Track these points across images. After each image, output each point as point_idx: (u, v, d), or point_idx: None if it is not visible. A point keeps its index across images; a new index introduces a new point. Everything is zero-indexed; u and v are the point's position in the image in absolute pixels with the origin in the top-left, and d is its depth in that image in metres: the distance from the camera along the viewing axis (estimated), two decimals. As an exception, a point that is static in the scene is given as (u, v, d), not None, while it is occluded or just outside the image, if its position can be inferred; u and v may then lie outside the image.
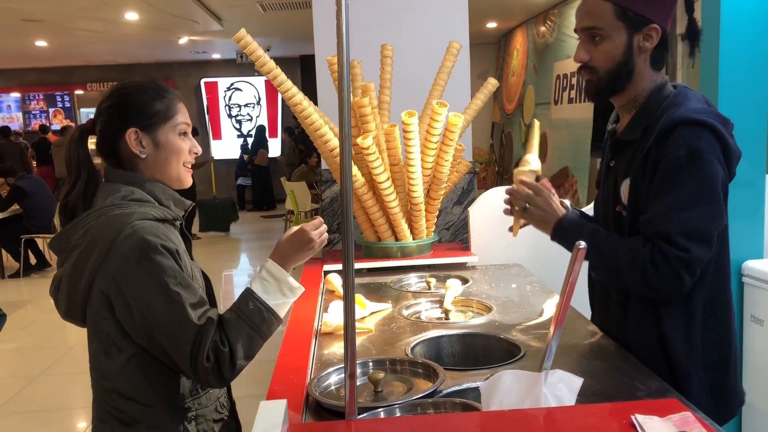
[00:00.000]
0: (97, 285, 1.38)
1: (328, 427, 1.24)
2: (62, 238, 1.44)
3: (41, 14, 8.11)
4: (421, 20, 3.37)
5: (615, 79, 1.56)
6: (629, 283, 1.52)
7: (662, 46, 1.56)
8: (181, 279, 1.36)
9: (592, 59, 1.57)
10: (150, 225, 1.38)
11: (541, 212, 1.64)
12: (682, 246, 1.42)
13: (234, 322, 1.38)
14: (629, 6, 1.51)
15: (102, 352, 1.42)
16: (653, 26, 1.52)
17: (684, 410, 1.11)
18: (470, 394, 1.41)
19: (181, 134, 1.52)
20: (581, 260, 1.11)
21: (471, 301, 2.12)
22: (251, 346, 1.39)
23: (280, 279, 1.44)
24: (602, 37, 1.54)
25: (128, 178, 1.48)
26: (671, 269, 1.43)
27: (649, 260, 1.45)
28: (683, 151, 1.42)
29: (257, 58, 2.44)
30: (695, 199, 1.43)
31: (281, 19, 8.74)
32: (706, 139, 1.43)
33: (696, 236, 1.42)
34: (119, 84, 1.53)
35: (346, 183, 1.18)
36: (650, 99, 1.57)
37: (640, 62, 1.55)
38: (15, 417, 4.07)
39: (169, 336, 1.34)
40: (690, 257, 1.42)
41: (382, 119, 2.81)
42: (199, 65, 13.90)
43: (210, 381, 1.36)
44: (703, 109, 1.48)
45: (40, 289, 7.40)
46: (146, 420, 1.43)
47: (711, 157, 1.42)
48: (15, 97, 14.28)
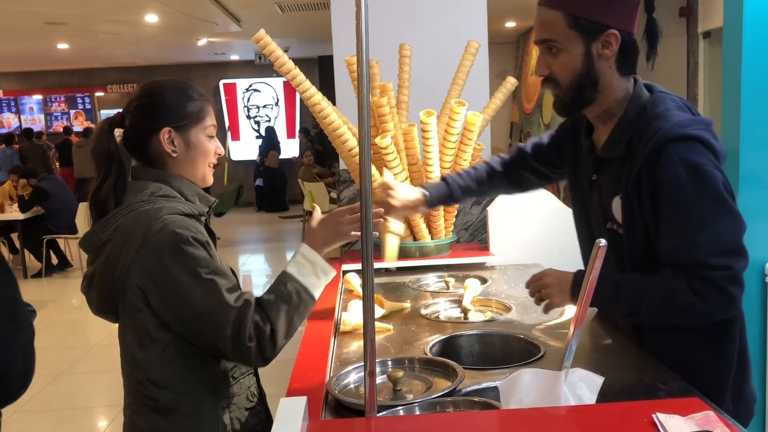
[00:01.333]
0: (130, 279, 1.42)
1: (349, 424, 1.24)
2: (93, 236, 1.48)
3: (64, 17, 8.21)
4: (440, 20, 3.36)
5: (580, 92, 1.49)
6: (675, 320, 1.45)
7: (627, 50, 1.47)
8: (215, 267, 1.41)
9: (552, 72, 1.50)
10: (179, 219, 1.42)
11: (554, 289, 1.57)
12: (721, 265, 1.35)
13: (273, 302, 1.44)
14: (581, 14, 1.43)
15: (137, 344, 1.46)
16: (611, 32, 1.44)
17: (706, 409, 1.10)
18: (489, 393, 1.41)
19: (209, 136, 1.57)
20: (601, 259, 1.10)
21: (490, 301, 2.11)
22: (290, 325, 1.44)
23: (314, 262, 1.52)
24: (558, 48, 1.47)
25: (155, 176, 1.52)
26: (719, 291, 1.36)
27: (691, 291, 1.37)
28: (682, 169, 1.36)
29: (276, 59, 2.45)
30: (713, 216, 1.36)
31: (299, 19, 8.78)
32: (699, 151, 1.37)
33: (729, 251, 1.36)
34: (151, 83, 1.57)
35: (366, 182, 1.18)
36: (628, 111, 1.50)
37: (605, 70, 1.48)
38: (37, 415, 4.13)
39: (209, 322, 1.38)
40: (732, 273, 1.36)
41: (401, 119, 2.81)
42: (217, 66, 14.00)
43: (252, 360, 1.41)
44: (687, 120, 1.41)
45: (62, 288, 7.50)
46: (181, 408, 1.46)
47: (710, 168, 1.36)
48: (37, 99, 14.48)
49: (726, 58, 2.73)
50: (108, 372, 4.63)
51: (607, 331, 1.74)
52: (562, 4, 1.45)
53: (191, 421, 1.47)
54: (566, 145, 1.75)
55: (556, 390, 1.15)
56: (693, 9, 6.36)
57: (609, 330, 1.75)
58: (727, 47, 2.73)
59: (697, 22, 6.34)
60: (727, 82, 2.73)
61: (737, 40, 2.62)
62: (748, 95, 2.62)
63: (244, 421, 1.54)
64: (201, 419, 1.48)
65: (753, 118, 2.64)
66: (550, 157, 1.85)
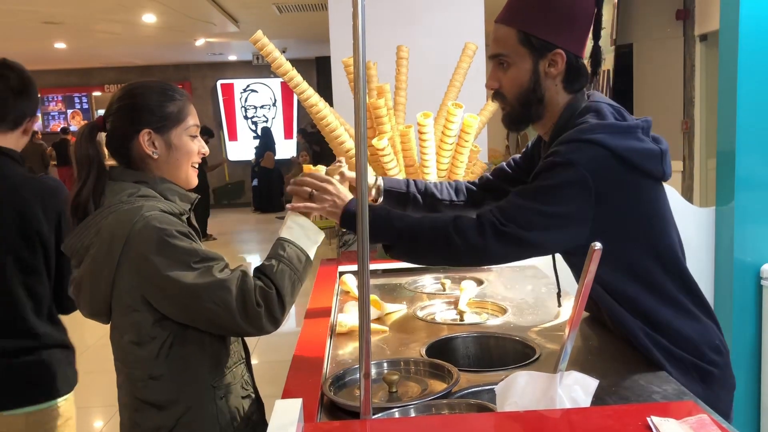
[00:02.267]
0: (121, 280, 1.42)
1: (344, 426, 1.24)
2: (74, 240, 1.48)
3: (61, 17, 8.20)
4: (437, 22, 3.37)
5: (526, 107, 1.58)
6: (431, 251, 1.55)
7: (573, 71, 1.55)
8: (203, 253, 1.43)
9: (501, 86, 1.59)
10: (159, 214, 1.44)
11: (329, 198, 1.63)
12: (495, 215, 1.47)
13: (275, 266, 1.48)
14: (532, 32, 1.52)
15: (134, 344, 1.47)
16: (558, 51, 1.52)
17: (701, 413, 1.10)
18: (485, 395, 1.41)
19: (191, 136, 1.57)
20: (596, 261, 1.10)
21: (486, 303, 2.11)
22: (293, 287, 1.49)
23: (304, 225, 1.59)
24: (509, 63, 1.56)
25: (135, 177, 1.52)
26: (478, 229, 1.46)
27: (452, 222, 1.49)
28: (557, 160, 1.45)
29: (273, 60, 2.45)
30: (533, 195, 1.47)
31: (297, 20, 8.78)
32: (585, 150, 1.43)
33: (511, 218, 1.46)
34: (131, 84, 1.57)
35: (362, 184, 1.18)
36: (559, 122, 1.57)
37: (550, 88, 1.56)
38: (33, 415, 4.11)
39: (213, 302, 1.40)
40: (500, 227, 1.45)
41: (398, 120, 2.81)
42: (215, 67, 13.99)
43: (263, 325, 1.44)
44: (588, 127, 1.47)
45: (58, 288, 7.47)
46: (183, 401, 1.48)
47: (578, 168, 1.42)
48: (34, 99, 14.44)
49: (722, 61, 2.74)
50: (104, 372, 4.60)
51: (600, 334, 1.74)
52: (516, 22, 1.54)
53: (193, 413, 1.49)
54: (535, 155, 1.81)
55: (552, 392, 1.15)
56: (689, 12, 6.38)
57: (603, 333, 1.75)
58: (723, 50, 2.73)
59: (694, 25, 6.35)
60: (723, 85, 2.74)
61: (733, 43, 2.63)
62: (744, 98, 2.63)
63: (241, 409, 1.56)
64: (202, 410, 1.49)
65: (749, 121, 2.65)
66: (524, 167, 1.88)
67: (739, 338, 2.69)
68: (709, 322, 1.56)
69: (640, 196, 1.50)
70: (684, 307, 1.54)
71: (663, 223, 1.55)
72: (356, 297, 2.23)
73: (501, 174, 1.95)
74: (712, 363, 1.53)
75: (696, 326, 1.54)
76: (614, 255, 1.46)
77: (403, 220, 1.56)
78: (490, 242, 1.46)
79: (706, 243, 2.84)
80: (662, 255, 1.53)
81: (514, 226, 1.45)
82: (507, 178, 1.93)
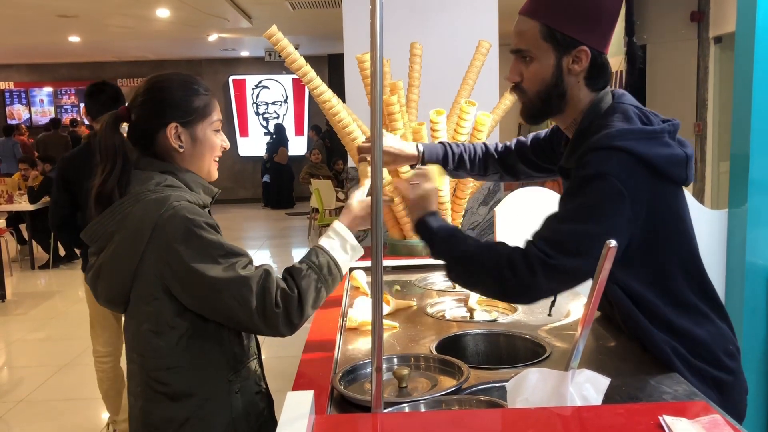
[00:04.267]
0: (144, 268, 1.43)
1: (355, 419, 1.24)
2: (98, 226, 1.48)
3: (76, 10, 8.24)
4: (451, 20, 3.36)
5: (547, 102, 1.53)
6: (484, 284, 1.51)
7: (597, 68, 1.51)
8: (229, 248, 1.44)
9: (523, 80, 1.55)
10: (188, 205, 1.44)
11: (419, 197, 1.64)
12: (542, 248, 1.40)
13: (304, 271, 1.48)
14: (557, 27, 1.48)
15: (153, 333, 1.47)
16: (582, 48, 1.48)
17: (713, 413, 1.10)
18: (495, 392, 1.41)
19: (215, 130, 1.58)
20: (611, 260, 1.10)
21: (496, 301, 2.11)
22: (318, 296, 1.48)
23: (345, 238, 1.58)
24: (531, 58, 1.52)
25: (161, 167, 1.53)
26: (527, 266, 1.40)
27: (506, 258, 1.43)
28: (589, 172, 1.40)
29: (287, 55, 2.45)
30: (574, 216, 1.41)
31: (310, 17, 8.78)
32: (615, 160, 1.39)
33: (558, 247, 1.39)
34: (157, 76, 1.57)
35: (377, 179, 1.18)
36: (583, 122, 1.54)
37: (572, 84, 1.52)
38: (42, 405, 4.15)
39: (233, 298, 1.40)
40: (549, 261, 1.39)
41: (410, 118, 2.81)
42: (227, 62, 14.01)
43: (279, 327, 1.43)
44: (617, 131, 1.42)
45: (69, 280, 7.53)
46: (198, 393, 1.49)
47: (612, 180, 1.37)
48: (48, 92, 14.53)
49: (738, 64, 2.72)
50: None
51: (611, 333, 1.74)
52: (540, 15, 1.50)
53: (206, 406, 1.49)
54: (554, 147, 1.80)
55: (563, 390, 1.15)
56: (704, 14, 6.34)
57: (613, 332, 1.74)
58: (739, 52, 2.72)
59: (709, 27, 6.32)
60: (738, 88, 2.72)
61: (750, 46, 2.61)
62: (760, 101, 2.61)
63: (254, 405, 1.57)
64: (217, 403, 1.50)
65: (764, 123, 2.63)
66: (546, 151, 1.87)
67: (750, 341, 2.67)
68: (723, 326, 1.55)
69: (665, 201, 1.47)
70: (701, 312, 1.52)
71: (685, 227, 1.53)
72: (366, 292, 2.24)
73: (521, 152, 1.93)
74: (726, 369, 1.51)
75: (712, 331, 1.52)
76: (639, 260, 1.46)
77: (463, 247, 1.52)
78: (540, 280, 1.41)
79: (717, 245, 2.83)
80: (685, 260, 1.51)
81: (563, 257, 1.38)
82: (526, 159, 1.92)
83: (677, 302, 1.50)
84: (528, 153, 1.92)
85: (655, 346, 1.49)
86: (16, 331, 5.70)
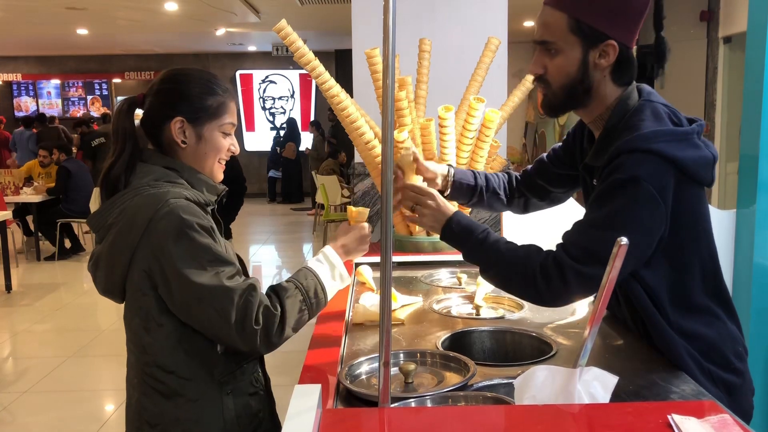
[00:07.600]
0: (136, 263, 1.42)
1: (363, 413, 1.24)
2: (99, 216, 1.49)
3: (84, 2, 8.26)
4: (460, 16, 3.36)
5: (571, 96, 1.50)
6: (517, 288, 1.51)
7: (624, 63, 1.47)
8: (219, 255, 1.41)
9: (547, 72, 1.51)
10: (185, 203, 1.42)
11: (429, 213, 1.64)
12: (574, 256, 1.39)
13: (291, 290, 1.46)
14: (585, 20, 1.43)
15: (143, 328, 1.47)
16: (610, 42, 1.44)
17: (722, 413, 1.09)
18: (501, 389, 1.41)
19: (224, 133, 1.56)
20: (622, 257, 1.09)
21: (502, 298, 2.11)
22: (300, 318, 1.47)
23: (335, 265, 1.58)
24: (556, 50, 1.48)
25: (165, 162, 1.52)
26: (560, 275, 1.39)
27: (539, 265, 1.42)
28: (621, 177, 1.37)
29: (296, 50, 2.45)
30: (607, 222, 1.39)
31: (318, 12, 8.78)
32: (648, 164, 1.36)
33: (591, 256, 1.37)
34: (177, 69, 1.56)
35: (388, 173, 1.18)
36: (610, 121, 1.50)
37: (598, 79, 1.48)
38: (47, 396, 4.16)
39: (213, 308, 1.38)
40: (583, 270, 1.38)
41: (418, 114, 2.81)
42: (234, 57, 14.02)
43: (256, 345, 1.41)
44: (650, 133, 1.39)
45: (74, 272, 7.55)
46: (187, 393, 1.47)
47: (645, 185, 1.35)
48: (55, 84, 14.56)
49: (749, 64, 2.70)
50: (117, 356, 4.65)
51: (618, 332, 1.73)
52: (567, 6, 1.45)
53: (196, 406, 1.48)
54: (576, 148, 1.77)
55: (570, 388, 1.14)
56: (714, 13, 6.31)
57: (620, 331, 1.74)
58: (750, 52, 2.70)
59: (718, 27, 6.29)
60: (749, 88, 2.71)
61: (761, 46, 2.59)
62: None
63: (247, 407, 1.55)
64: (205, 404, 1.48)
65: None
66: (567, 153, 1.85)
67: (757, 341, 2.66)
68: (733, 327, 1.54)
69: (689, 202, 1.44)
70: (713, 313, 1.51)
71: (707, 227, 1.51)
72: (372, 288, 2.24)
73: (541, 169, 1.90)
74: (735, 372, 1.50)
75: (722, 332, 1.51)
76: (662, 260, 1.45)
77: (495, 256, 1.53)
78: (573, 288, 1.40)
79: (725, 245, 2.81)
80: (704, 260, 1.50)
81: (596, 266, 1.33)
82: (547, 174, 1.89)
83: (691, 303, 1.49)
84: (548, 167, 1.90)
85: (669, 347, 1.48)
86: (22, 322, 5.73)
